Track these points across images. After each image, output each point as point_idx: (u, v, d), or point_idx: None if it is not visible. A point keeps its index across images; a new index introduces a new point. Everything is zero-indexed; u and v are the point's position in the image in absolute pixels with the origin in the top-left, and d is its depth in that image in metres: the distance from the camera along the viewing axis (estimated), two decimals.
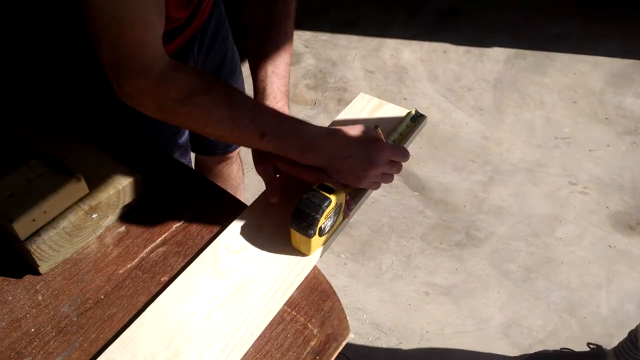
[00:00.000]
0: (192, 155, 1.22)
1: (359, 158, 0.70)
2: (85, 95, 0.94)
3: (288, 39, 0.82)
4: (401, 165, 0.76)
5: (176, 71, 0.64)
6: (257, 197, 0.76)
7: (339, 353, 0.62)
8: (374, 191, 0.78)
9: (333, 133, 0.71)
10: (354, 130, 0.73)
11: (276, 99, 0.78)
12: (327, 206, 0.65)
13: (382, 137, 0.74)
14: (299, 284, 0.66)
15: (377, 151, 0.71)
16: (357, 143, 0.71)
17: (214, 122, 0.67)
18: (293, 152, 0.70)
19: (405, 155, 0.75)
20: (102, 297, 0.64)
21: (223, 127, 0.67)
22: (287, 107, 0.81)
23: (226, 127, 0.67)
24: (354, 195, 0.76)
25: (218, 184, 1.38)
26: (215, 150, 1.25)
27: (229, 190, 1.42)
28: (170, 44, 0.85)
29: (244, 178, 1.46)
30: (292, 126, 0.70)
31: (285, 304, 0.64)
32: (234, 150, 1.27)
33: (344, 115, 0.92)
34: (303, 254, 0.68)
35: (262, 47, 0.80)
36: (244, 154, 1.37)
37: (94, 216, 0.68)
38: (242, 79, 1.17)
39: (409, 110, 0.91)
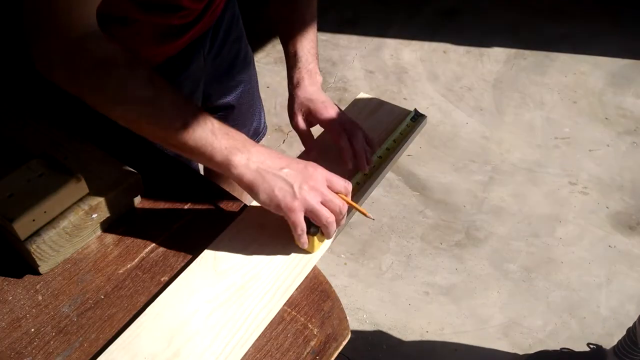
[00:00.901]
0: None
1: (295, 170, 0.63)
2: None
3: (313, 5, 0.86)
4: (343, 205, 0.65)
5: (96, 39, 0.59)
6: None
7: (339, 353, 0.62)
8: (374, 191, 0.78)
9: (260, 146, 0.65)
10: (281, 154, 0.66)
11: (308, 61, 0.81)
12: None
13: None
14: (299, 284, 0.66)
15: (315, 167, 0.64)
16: (292, 159, 0.65)
17: (130, 102, 0.61)
18: (218, 154, 0.62)
19: (347, 187, 0.66)
20: (102, 297, 0.64)
21: (140, 108, 0.61)
22: (318, 68, 0.83)
23: (144, 110, 0.61)
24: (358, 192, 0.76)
25: (224, 185, 1.39)
26: None
27: (235, 192, 1.44)
28: (180, 38, 0.83)
29: None
30: (222, 127, 0.63)
31: (285, 304, 0.64)
32: None
33: None
34: (306, 252, 0.68)
35: (289, 14, 0.84)
36: None
37: (94, 216, 0.68)
38: (256, 76, 1.17)
39: (409, 110, 0.91)
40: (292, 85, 0.82)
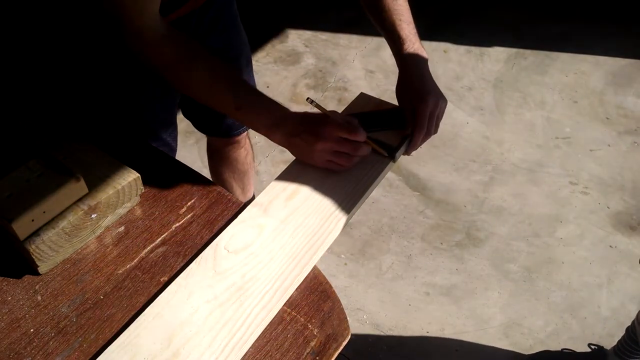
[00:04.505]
0: (193, 139, 1.22)
1: (307, 133, 0.76)
2: (84, 95, 0.94)
3: None
4: (355, 144, 0.77)
5: (164, 40, 0.73)
6: (258, 195, 0.76)
7: (339, 353, 0.62)
8: (374, 191, 0.78)
9: (293, 114, 0.78)
10: (309, 113, 0.79)
11: (411, 42, 0.88)
12: None
13: (323, 109, 0.78)
14: (298, 284, 0.66)
15: (322, 126, 0.75)
16: (307, 121, 0.77)
17: (195, 89, 0.77)
18: (262, 128, 0.78)
19: (354, 131, 0.76)
20: (102, 297, 0.64)
21: (202, 95, 0.77)
22: (422, 47, 0.89)
23: (205, 96, 0.77)
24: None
25: (225, 166, 1.42)
26: (220, 132, 1.27)
27: (236, 175, 1.46)
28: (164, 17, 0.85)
29: (254, 166, 1.45)
30: (264, 104, 0.78)
31: (285, 304, 0.64)
32: (240, 134, 1.28)
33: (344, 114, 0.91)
34: (306, 252, 0.68)
35: (383, 2, 0.89)
36: (257, 149, 1.36)
37: (93, 216, 0.68)
38: (251, 75, 1.19)
39: None
40: (400, 67, 0.89)
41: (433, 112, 0.84)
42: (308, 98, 0.80)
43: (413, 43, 0.87)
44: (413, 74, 0.86)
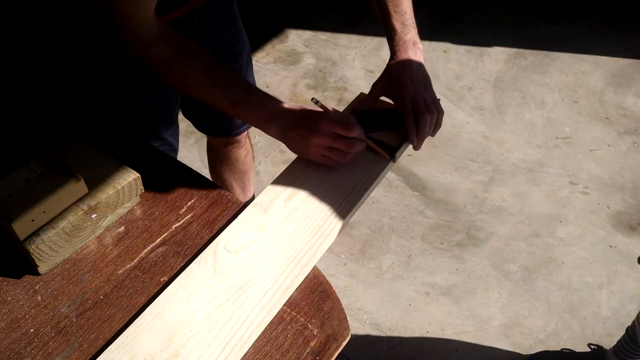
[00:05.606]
0: (193, 139, 1.22)
1: (302, 127, 0.76)
2: (84, 95, 0.94)
3: None
4: (349, 141, 0.76)
5: (160, 41, 0.74)
6: (258, 195, 0.76)
7: (339, 353, 0.62)
8: (374, 191, 0.78)
9: (289, 108, 0.78)
10: (305, 108, 0.79)
11: (404, 32, 0.88)
12: None
13: (325, 108, 0.77)
14: (298, 284, 0.66)
15: (317, 120, 0.75)
16: (303, 115, 0.77)
17: (190, 88, 0.77)
18: (258, 122, 0.78)
19: (349, 128, 0.75)
20: (102, 297, 0.64)
21: (197, 92, 0.77)
22: (417, 36, 0.89)
23: (200, 93, 0.77)
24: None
25: (225, 166, 1.42)
26: (220, 132, 1.27)
27: (236, 175, 1.46)
28: (163, 16, 0.85)
29: (253, 165, 1.45)
30: (259, 99, 0.78)
31: (285, 304, 0.64)
32: (240, 133, 1.28)
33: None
34: (306, 252, 0.68)
35: None
36: (257, 149, 1.36)
37: (93, 216, 0.68)
38: (251, 72, 1.19)
39: None
40: (390, 57, 0.89)
41: (415, 94, 0.84)
42: (313, 98, 0.80)
43: (405, 34, 0.87)
44: (392, 65, 0.87)
